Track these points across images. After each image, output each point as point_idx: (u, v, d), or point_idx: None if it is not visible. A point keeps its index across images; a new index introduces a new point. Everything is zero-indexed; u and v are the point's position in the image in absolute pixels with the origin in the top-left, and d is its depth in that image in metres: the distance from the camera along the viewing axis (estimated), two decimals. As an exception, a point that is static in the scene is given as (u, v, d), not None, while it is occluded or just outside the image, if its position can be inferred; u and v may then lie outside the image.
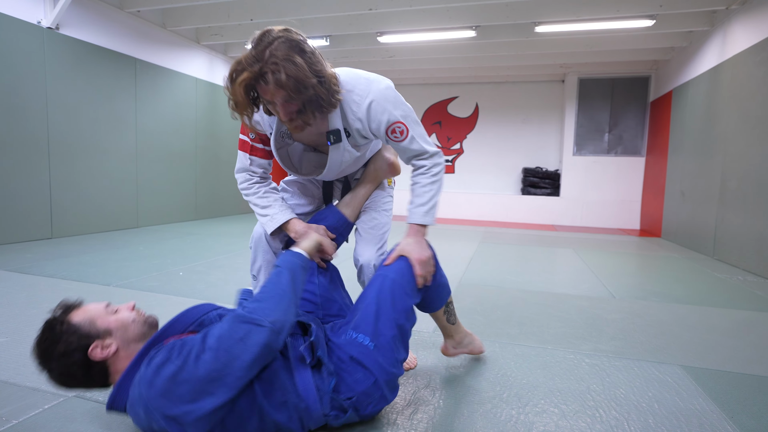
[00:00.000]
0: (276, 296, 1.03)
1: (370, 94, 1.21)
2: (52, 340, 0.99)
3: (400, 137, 1.26)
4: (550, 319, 2.19)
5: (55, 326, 1.00)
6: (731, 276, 3.39)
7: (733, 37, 4.09)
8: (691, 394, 1.45)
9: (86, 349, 0.99)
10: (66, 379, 1.00)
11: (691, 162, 4.85)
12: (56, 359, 0.98)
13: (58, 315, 1.03)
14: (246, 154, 1.39)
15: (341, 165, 1.33)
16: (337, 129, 1.24)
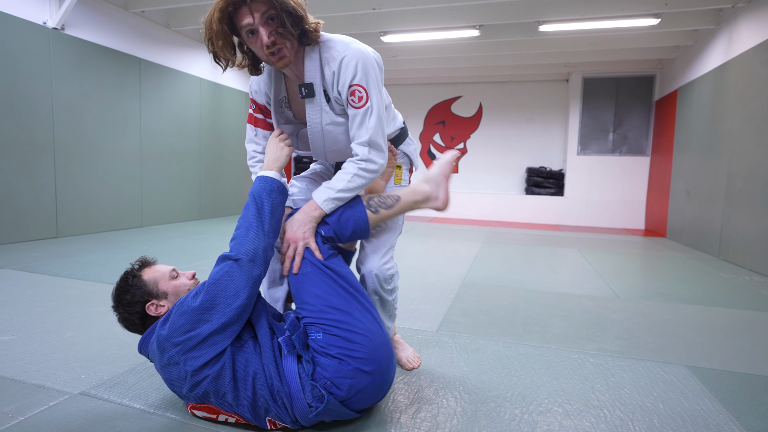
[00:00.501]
0: (244, 228, 1.15)
1: (348, 51, 1.18)
2: (124, 289, 1.17)
3: (357, 103, 1.20)
4: (553, 319, 2.18)
5: (128, 278, 1.18)
6: (737, 276, 3.36)
7: (739, 36, 4.06)
8: (696, 394, 1.44)
9: (145, 304, 1.16)
10: (127, 323, 1.19)
11: (697, 161, 4.82)
12: (123, 305, 1.17)
13: (134, 268, 1.21)
14: (251, 126, 1.40)
15: (323, 131, 1.27)
16: (310, 83, 1.21)
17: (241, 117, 6.72)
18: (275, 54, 1.13)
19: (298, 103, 1.31)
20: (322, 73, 1.21)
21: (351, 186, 1.24)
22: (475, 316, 2.19)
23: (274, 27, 1.10)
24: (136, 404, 1.26)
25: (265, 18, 1.08)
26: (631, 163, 6.74)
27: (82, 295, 2.31)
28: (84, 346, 1.66)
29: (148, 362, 1.53)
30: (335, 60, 1.19)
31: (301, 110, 1.32)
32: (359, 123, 1.22)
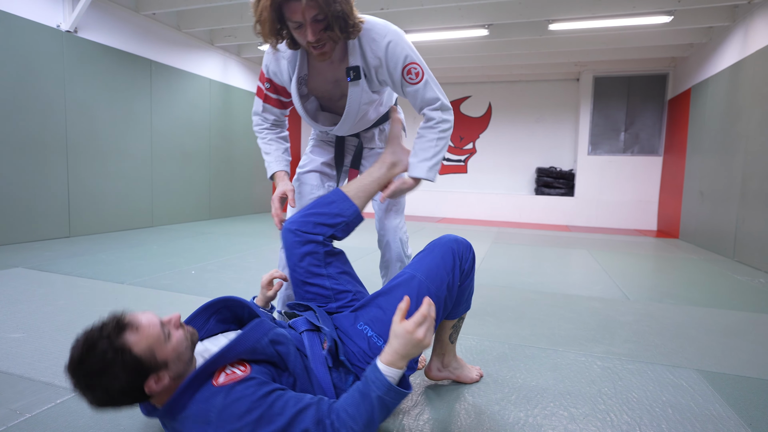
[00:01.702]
0: (362, 416, 0.87)
1: (389, 34, 1.25)
2: (99, 367, 0.82)
3: (415, 79, 1.28)
4: (561, 321, 2.15)
5: (106, 352, 0.82)
6: (752, 278, 3.29)
7: (755, 33, 3.98)
8: (707, 399, 1.40)
9: (141, 383, 0.85)
10: (106, 405, 0.86)
11: (711, 161, 4.73)
12: (103, 388, 0.83)
13: (111, 335, 0.84)
14: (260, 101, 1.47)
15: (359, 109, 1.35)
16: (357, 65, 1.27)
17: (250, 117, 6.76)
18: (317, 48, 1.19)
19: (316, 80, 1.37)
20: (364, 56, 1.27)
21: (441, 147, 1.33)
22: (482, 317, 2.17)
23: (321, 27, 1.15)
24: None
25: (313, 18, 1.12)
26: (643, 163, 6.64)
27: (91, 293, 2.34)
28: (92, 344, 1.68)
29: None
30: (378, 43, 1.25)
31: (317, 86, 1.38)
32: (422, 95, 1.30)
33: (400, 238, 1.54)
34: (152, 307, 2.15)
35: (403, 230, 1.56)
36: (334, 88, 1.37)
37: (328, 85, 1.36)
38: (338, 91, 1.37)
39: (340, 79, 1.34)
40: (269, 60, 1.38)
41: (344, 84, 1.34)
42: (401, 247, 1.55)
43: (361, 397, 0.88)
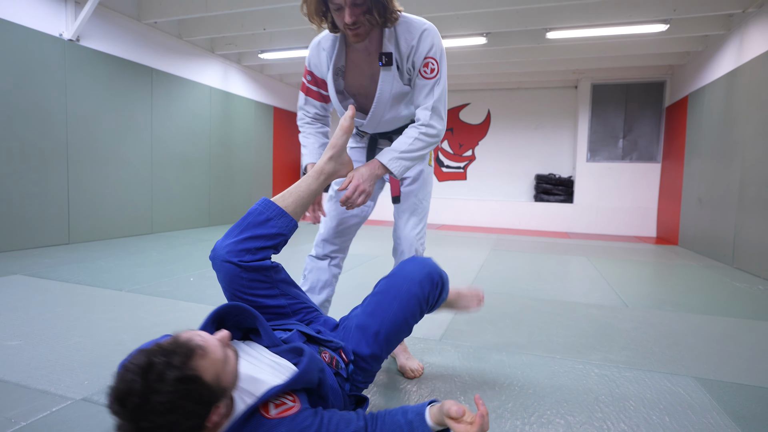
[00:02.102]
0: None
1: (426, 25, 1.31)
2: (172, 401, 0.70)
3: (428, 74, 1.32)
4: (559, 328, 2.15)
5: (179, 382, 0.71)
6: (751, 285, 3.29)
7: (750, 41, 4.01)
8: (704, 407, 1.40)
9: (207, 415, 0.76)
10: None
11: (709, 168, 4.74)
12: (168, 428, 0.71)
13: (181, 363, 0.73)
14: (302, 94, 1.52)
15: (390, 98, 1.37)
16: (389, 52, 1.31)
17: (250, 125, 6.80)
18: (352, 29, 1.23)
19: (353, 73, 1.40)
20: (397, 46, 1.32)
21: (413, 148, 1.33)
22: (480, 324, 2.17)
23: (360, 11, 1.20)
24: (136, 411, 1.27)
25: (352, 2, 1.18)
26: (641, 169, 6.66)
27: (89, 301, 2.34)
28: (89, 351, 1.68)
29: (151, 369, 1.54)
30: (413, 33, 1.30)
31: (354, 81, 1.42)
32: (427, 92, 1.34)
33: (416, 249, 1.57)
34: (150, 315, 2.15)
35: (420, 241, 1.59)
36: (369, 83, 1.39)
37: (364, 79, 1.40)
38: (374, 88, 1.38)
39: (375, 73, 1.37)
40: (312, 52, 1.44)
41: (378, 79, 1.37)
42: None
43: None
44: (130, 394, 0.69)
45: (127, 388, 0.69)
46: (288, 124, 7.90)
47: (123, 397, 0.69)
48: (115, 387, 0.70)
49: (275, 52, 5.81)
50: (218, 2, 4.37)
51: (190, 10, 4.48)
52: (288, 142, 7.96)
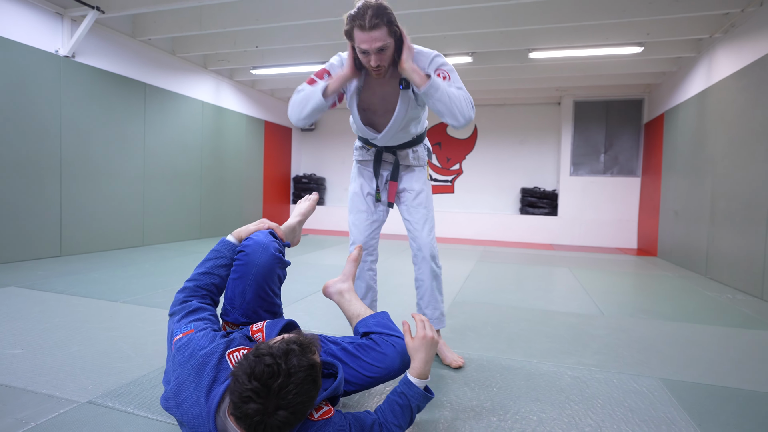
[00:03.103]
0: (406, 422, 1.15)
1: (434, 53, 1.59)
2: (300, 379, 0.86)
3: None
4: (538, 335, 2.28)
5: (301, 363, 0.88)
6: (721, 294, 3.46)
7: (718, 64, 4.27)
8: (664, 404, 1.53)
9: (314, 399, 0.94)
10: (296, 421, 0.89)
11: (684, 182, 4.97)
12: (309, 400, 0.90)
13: (308, 352, 0.91)
14: (308, 85, 1.62)
15: (405, 116, 1.64)
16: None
17: (241, 139, 6.91)
18: (376, 71, 1.52)
19: (367, 93, 1.66)
20: None
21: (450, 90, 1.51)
22: (463, 332, 2.29)
23: (385, 55, 1.48)
24: (140, 412, 1.36)
25: (377, 48, 1.44)
26: (622, 183, 6.90)
27: (86, 311, 2.41)
28: (89, 359, 1.76)
29: (152, 374, 1.63)
30: (424, 61, 1.56)
31: (367, 99, 1.67)
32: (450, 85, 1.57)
33: (432, 254, 1.82)
34: (147, 324, 2.23)
35: (435, 245, 1.84)
36: (380, 102, 1.66)
37: (376, 98, 1.66)
38: (383, 106, 1.66)
39: (386, 95, 1.64)
40: (337, 64, 1.64)
41: (390, 99, 1.64)
42: (432, 263, 1.82)
43: (401, 409, 1.14)
44: (273, 375, 0.84)
45: (271, 371, 0.84)
46: (279, 137, 8.03)
47: (268, 378, 0.83)
48: (258, 371, 0.84)
49: (267, 69, 5.96)
50: (212, 21, 4.52)
51: (184, 28, 4.62)
52: (278, 155, 8.08)
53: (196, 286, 1.27)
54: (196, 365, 1.01)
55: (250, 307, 1.33)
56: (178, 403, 1.00)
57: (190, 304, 1.22)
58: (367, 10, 1.40)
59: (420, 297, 1.89)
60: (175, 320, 1.18)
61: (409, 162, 1.85)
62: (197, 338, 1.08)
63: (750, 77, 3.62)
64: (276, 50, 5.66)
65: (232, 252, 1.34)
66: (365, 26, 1.41)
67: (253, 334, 1.20)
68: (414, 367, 1.18)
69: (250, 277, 1.32)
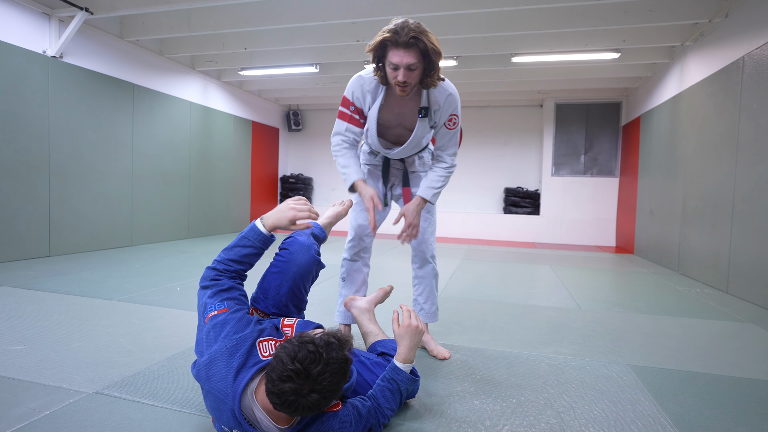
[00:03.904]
0: (396, 404, 1.29)
1: (450, 89, 1.69)
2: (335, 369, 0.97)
3: (451, 126, 1.74)
4: (519, 328, 2.42)
5: (338, 355, 0.99)
6: (690, 289, 3.67)
7: (689, 70, 4.49)
8: (631, 386, 1.68)
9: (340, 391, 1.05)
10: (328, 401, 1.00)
11: (658, 183, 5.20)
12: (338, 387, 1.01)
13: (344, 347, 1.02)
14: (343, 122, 1.76)
15: (421, 138, 1.76)
16: (426, 107, 1.69)
17: (229, 139, 6.94)
18: (401, 86, 1.56)
19: (386, 110, 1.73)
20: (429, 100, 1.69)
21: (443, 183, 1.80)
22: (449, 326, 2.42)
23: (412, 75, 1.53)
24: (146, 401, 1.44)
25: (408, 65, 1.50)
26: (601, 183, 7.14)
27: (83, 309, 2.46)
28: (92, 354, 1.83)
29: (154, 367, 1.72)
30: (442, 95, 1.67)
31: (386, 116, 1.75)
32: (449, 138, 1.77)
33: (433, 255, 2.00)
34: (144, 321, 2.30)
35: (434, 246, 2.01)
36: (395, 119, 1.75)
37: (394, 116, 1.74)
38: (396, 122, 1.76)
39: (403, 113, 1.73)
40: (355, 87, 1.71)
41: (405, 117, 1.73)
42: (434, 263, 2.01)
43: (392, 393, 1.27)
44: (315, 361, 0.94)
45: (313, 357, 0.95)
46: (266, 137, 8.07)
47: (309, 363, 0.94)
48: (302, 355, 0.94)
49: (255, 70, 6.01)
50: (200, 23, 4.56)
51: (172, 29, 4.65)
52: (266, 155, 8.12)
53: (225, 269, 1.30)
54: (230, 346, 1.10)
55: (282, 300, 1.45)
56: (208, 375, 1.09)
57: (222, 282, 1.26)
58: (405, 28, 1.46)
59: (419, 293, 2.02)
60: (208, 294, 1.23)
61: (416, 168, 1.95)
62: (233, 320, 1.16)
63: (717, 84, 3.84)
64: (264, 52, 5.72)
65: (262, 242, 1.32)
66: (400, 42, 1.46)
67: (283, 327, 1.31)
68: (399, 352, 1.32)
69: (289, 274, 1.44)
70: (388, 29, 1.48)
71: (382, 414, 1.24)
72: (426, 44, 1.47)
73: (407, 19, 1.49)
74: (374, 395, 1.26)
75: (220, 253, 1.32)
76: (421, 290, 2.02)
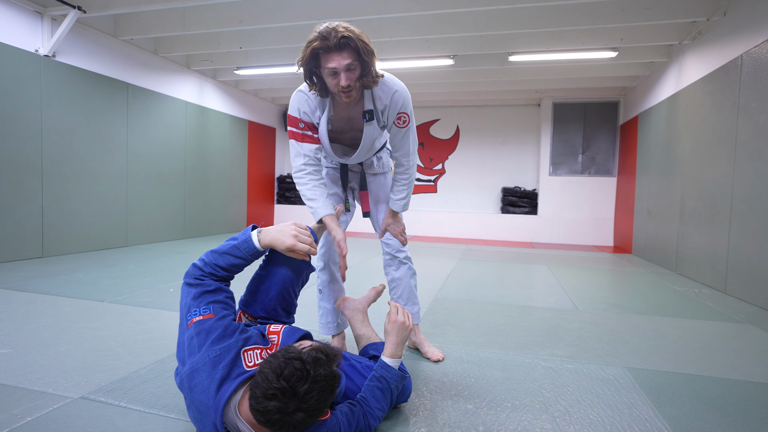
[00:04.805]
0: (387, 404, 1.26)
1: (396, 86, 1.60)
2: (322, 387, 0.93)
3: (401, 125, 1.65)
4: (515, 329, 2.39)
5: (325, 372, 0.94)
6: (688, 289, 3.65)
7: (687, 69, 4.47)
8: (628, 390, 1.65)
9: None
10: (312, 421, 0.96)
11: (656, 182, 5.18)
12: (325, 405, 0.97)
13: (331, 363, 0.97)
14: (296, 142, 1.65)
15: (372, 141, 1.68)
16: (371, 109, 1.60)
17: (225, 138, 6.90)
18: (346, 92, 1.46)
19: (336, 120, 1.66)
20: (373, 101, 1.60)
21: (408, 192, 1.76)
22: (444, 327, 2.39)
23: (354, 76, 1.44)
24: (133, 406, 1.41)
25: (346, 66, 1.41)
26: (599, 183, 7.12)
27: (73, 311, 2.43)
28: (80, 357, 1.80)
29: (142, 371, 1.68)
30: (387, 94, 1.58)
31: (337, 125, 1.67)
32: (401, 137, 1.68)
33: (407, 255, 1.94)
34: (135, 323, 2.26)
35: (406, 247, 1.95)
36: (346, 124, 1.68)
37: (343, 122, 1.67)
38: (349, 126, 1.68)
39: (353, 118, 1.65)
40: (300, 102, 1.60)
41: (356, 121, 1.65)
42: (409, 263, 1.96)
43: (382, 393, 1.24)
44: (301, 379, 0.90)
45: (300, 375, 0.90)
46: (263, 137, 8.03)
47: (296, 381, 0.89)
48: (288, 372, 0.89)
49: (251, 69, 5.97)
50: (195, 22, 4.52)
51: (167, 28, 4.61)
52: (262, 155, 8.08)
53: (211, 273, 1.24)
54: (213, 356, 1.05)
55: (271, 304, 1.40)
56: (190, 386, 1.05)
57: (208, 282, 1.21)
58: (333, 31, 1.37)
59: (398, 296, 1.95)
60: (193, 295, 1.18)
61: (375, 170, 1.89)
62: (218, 328, 1.10)
63: (715, 82, 3.81)
64: (260, 51, 5.68)
65: (253, 256, 1.28)
66: (332, 45, 1.37)
67: (269, 334, 1.25)
68: (387, 348, 1.32)
69: (278, 277, 1.40)
70: (314, 38, 1.39)
71: (373, 416, 1.21)
72: (357, 43, 1.38)
73: (330, 22, 1.41)
74: (364, 397, 1.23)
75: (208, 254, 1.27)
76: (400, 292, 1.95)
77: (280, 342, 1.20)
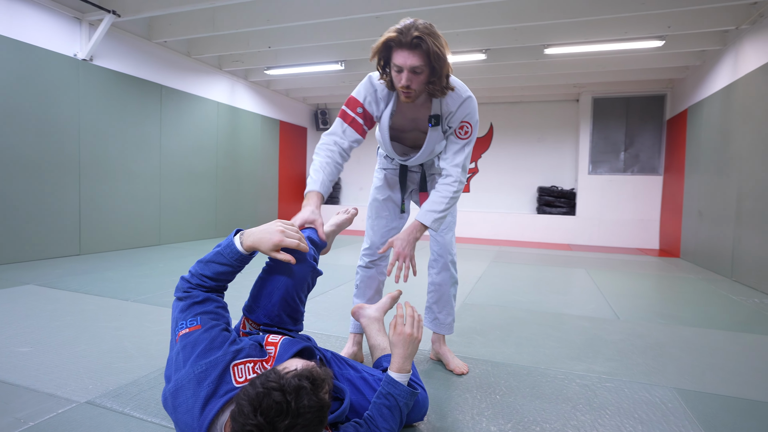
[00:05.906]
0: (396, 423, 1.14)
1: (467, 93, 1.51)
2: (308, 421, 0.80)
3: (462, 135, 1.55)
4: (547, 339, 2.21)
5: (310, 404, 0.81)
6: (747, 298, 3.31)
7: (744, 56, 4.08)
8: (678, 417, 1.45)
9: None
10: None
11: (708, 181, 4.77)
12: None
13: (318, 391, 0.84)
14: (343, 123, 1.55)
15: (434, 146, 1.60)
16: (437, 114, 1.52)
17: (257, 139, 6.97)
18: (405, 91, 1.41)
19: (399, 116, 1.59)
20: (441, 106, 1.52)
21: (448, 206, 1.54)
22: (470, 335, 2.24)
23: (417, 79, 1.37)
24: (135, 413, 1.36)
25: (412, 67, 1.34)
26: (643, 182, 6.69)
27: (97, 310, 2.45)
28: (94, 358, 1.78)
29: (152, 374, 1.64)
30: (456, 101, 1.49)
31: (399, 121, 1.60)
32: (457, 149, 1.55)
33: (453, 260, 1.82)
34: (154, 324, 2.25)
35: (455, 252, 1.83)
36: (410, 124, 1.61)
37: (406, 121, 1.60)
38: (412, 126, 1.61)
39: (417, 119, 1.58)
40: (368, 91, 1.54)
41: (420, 123, 1.58)
42: (453, 269, 1.82)
43: (390, 411, 1.13)
44: (281, 413, 0.77)
45: (279, 409, 0.77)
46: (294, 137, 8.07)
47: (275, 416, 0.77)
48: (266, 405, 0.77)
49: (281, 69, 5.99)
50: (225, 22, 4.55)
51: (198, 29, 4.67)
52: (294, 155, 8.12)
53: (199, 285, 1.18)
54: (198, 372, 0.97)
55: (274, 310, 1.28)
56: (174, 406, 0.97)
57: (196, 294, 1.15)
58: (411, 28, 1.31)
59: (434, 301, 1.85)
60: (180, 308, 1.12)
61: (435, 170, 1.78)
62: (204, 340, 1.02)
63: (779, 70, 3.44)
64: (289, 50, 5.68)
65: (238, 261, 1.19)
66: (404, 42, 1.31)
67: (267, 345, 1.14)
68: (393, 362, 1.19)
69: (281, 281, 1.27)
70: (393, 29, 1.34)
71: None
72: (430, 46, 1.30)
73: (417, 19, 1.34)
74: (371, 416, 1.12)
75: (195, 265, 1.19)
76: (437, 298, 1.84)
77: (276, 355, 1.10)
